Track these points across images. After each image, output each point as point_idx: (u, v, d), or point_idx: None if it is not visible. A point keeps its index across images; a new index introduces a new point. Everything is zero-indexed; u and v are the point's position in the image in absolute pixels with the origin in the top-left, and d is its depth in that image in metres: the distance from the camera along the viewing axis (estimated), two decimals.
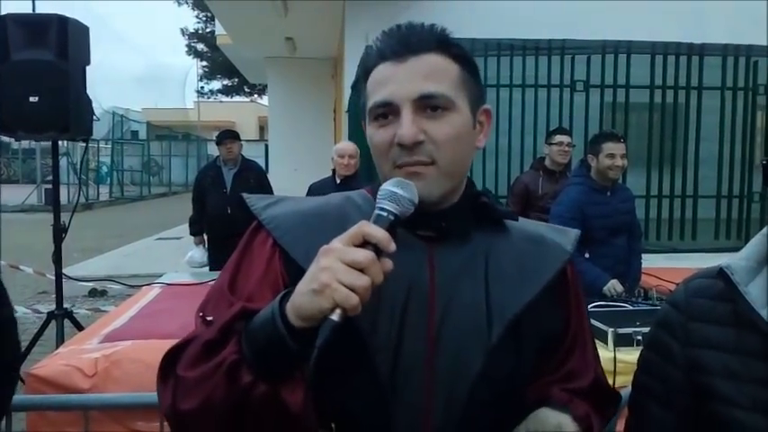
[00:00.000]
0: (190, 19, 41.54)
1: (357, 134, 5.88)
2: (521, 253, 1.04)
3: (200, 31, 27.10)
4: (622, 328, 2.39)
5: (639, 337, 2.33)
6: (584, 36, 5.70)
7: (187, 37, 28.14)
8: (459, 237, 1.02)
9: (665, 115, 6.06)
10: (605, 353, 2.32)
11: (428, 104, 0.95)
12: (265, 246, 1.01)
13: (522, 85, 5.99)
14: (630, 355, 2.26)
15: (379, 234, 0.82)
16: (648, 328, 2.35)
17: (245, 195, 1.06)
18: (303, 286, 0.82)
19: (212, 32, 20.05)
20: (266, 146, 19.38)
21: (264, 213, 1.03)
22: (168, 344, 2.03)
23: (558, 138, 4.52)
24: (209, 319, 0.95)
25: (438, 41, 0.98)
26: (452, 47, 1.00)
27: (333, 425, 0.96)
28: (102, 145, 23.72)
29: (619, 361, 2.27)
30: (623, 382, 2.14)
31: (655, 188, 6.11)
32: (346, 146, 4.87)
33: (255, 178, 5.52)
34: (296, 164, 12.64)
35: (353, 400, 0.95)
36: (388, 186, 0.90)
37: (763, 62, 6.06)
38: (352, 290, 0.79)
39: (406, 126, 0.93)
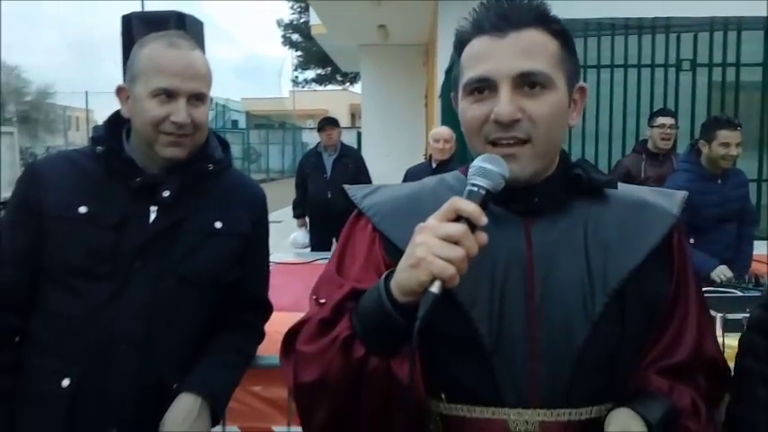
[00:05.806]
0: (285, 10, 42.58)
1: (450, 119, 5.90)
2: (622, 219, 1.02)
3: (294, 22, 27.68)
4: (732, 313, 2.33)
5: None
6: (691, 13, 5.37)
7: (282, 28, 28.86)
8: (555, 209, 1.02)
9: None
10: None
11: (527, 82, 0.94)
12: (366, 231, 1.07)
13: (625, 65, 5.74)
14: None
15: (469, 208, 0.85)
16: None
17: (346, 187, 1.14)
18: (403, 263, 0.88)
19: (306, 23, 20.43)
20: (358, 133, 19.62)
21: (364, 202, 1.09)
22: (283, 315, 2.16)
23: (660, 120, 4.32)
24: (321, 301, 1.02)
25: (537, 16, 0.97)
26: (552, 22, 0.98)
27: (443, 394, 0.99)
28: None
29: (727, 347, 2.22)
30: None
31: (767, 172, 5.75)
32: (441, 131, 4.95)
33: (354, 164, 5.71)
34: (388, 150, 12.73)
35: (461, 370, 0.98)
36: (478, 162, 0.92)
37: None
38: (448, 261, 0.83)
39: (504, 103, 0.93)
